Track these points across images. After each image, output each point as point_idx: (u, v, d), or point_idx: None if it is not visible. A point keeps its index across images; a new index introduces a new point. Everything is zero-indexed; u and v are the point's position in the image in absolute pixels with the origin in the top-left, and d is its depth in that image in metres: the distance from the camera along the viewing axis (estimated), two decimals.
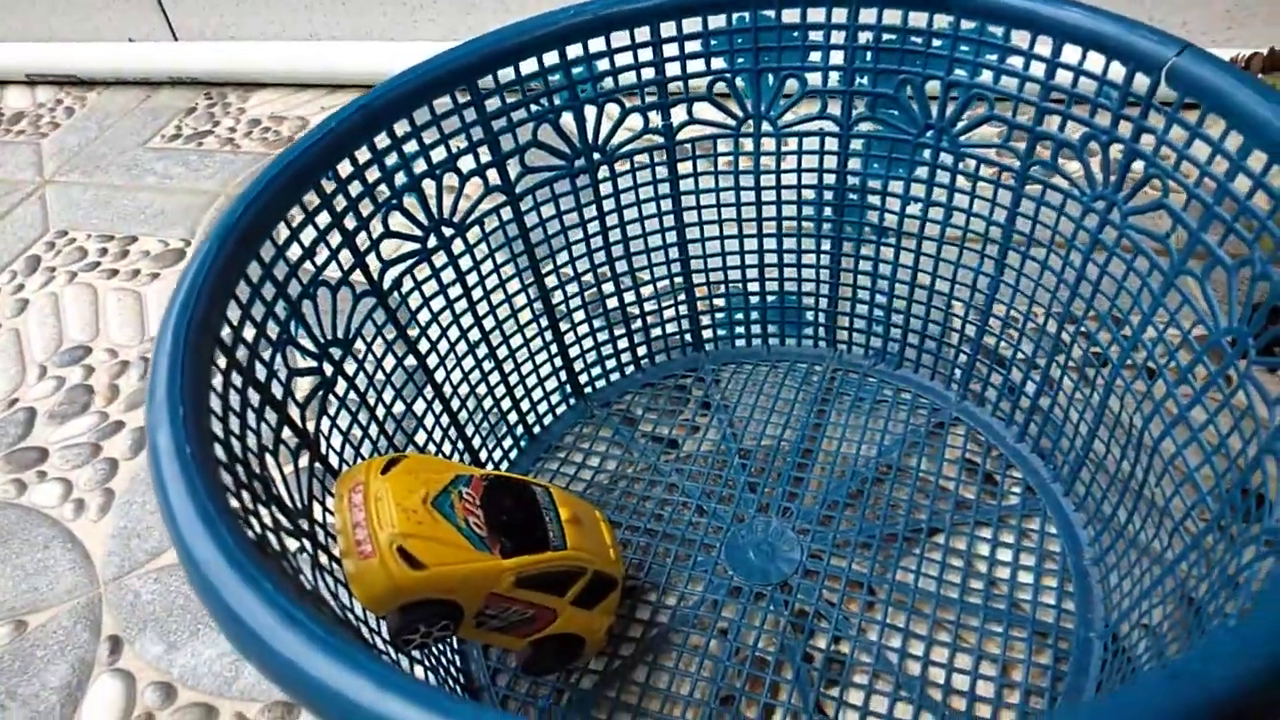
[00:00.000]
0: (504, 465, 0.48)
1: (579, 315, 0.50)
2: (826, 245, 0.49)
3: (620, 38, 0.43)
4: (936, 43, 0.41)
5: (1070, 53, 0.37)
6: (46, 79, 1.03)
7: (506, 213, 0.45)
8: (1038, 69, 0.38)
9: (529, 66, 0.42)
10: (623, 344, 0.52)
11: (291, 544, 0.30)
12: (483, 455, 0.47)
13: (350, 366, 0.39)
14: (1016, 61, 0.39)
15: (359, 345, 0.39)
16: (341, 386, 0.38)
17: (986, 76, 0.40)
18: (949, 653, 0.38)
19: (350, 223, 0.39)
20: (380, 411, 0.40)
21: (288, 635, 0.20)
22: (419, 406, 0.43)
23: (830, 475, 0.46)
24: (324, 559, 0.32)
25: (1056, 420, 0.43)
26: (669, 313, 0.53)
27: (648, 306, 0.52)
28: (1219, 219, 0.33)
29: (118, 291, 0.70)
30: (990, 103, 0.41)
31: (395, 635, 0.31)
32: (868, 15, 0.42)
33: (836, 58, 0.43)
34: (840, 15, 0.42)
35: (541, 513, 0.36)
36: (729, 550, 0.43)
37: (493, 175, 0.44)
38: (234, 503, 0.26)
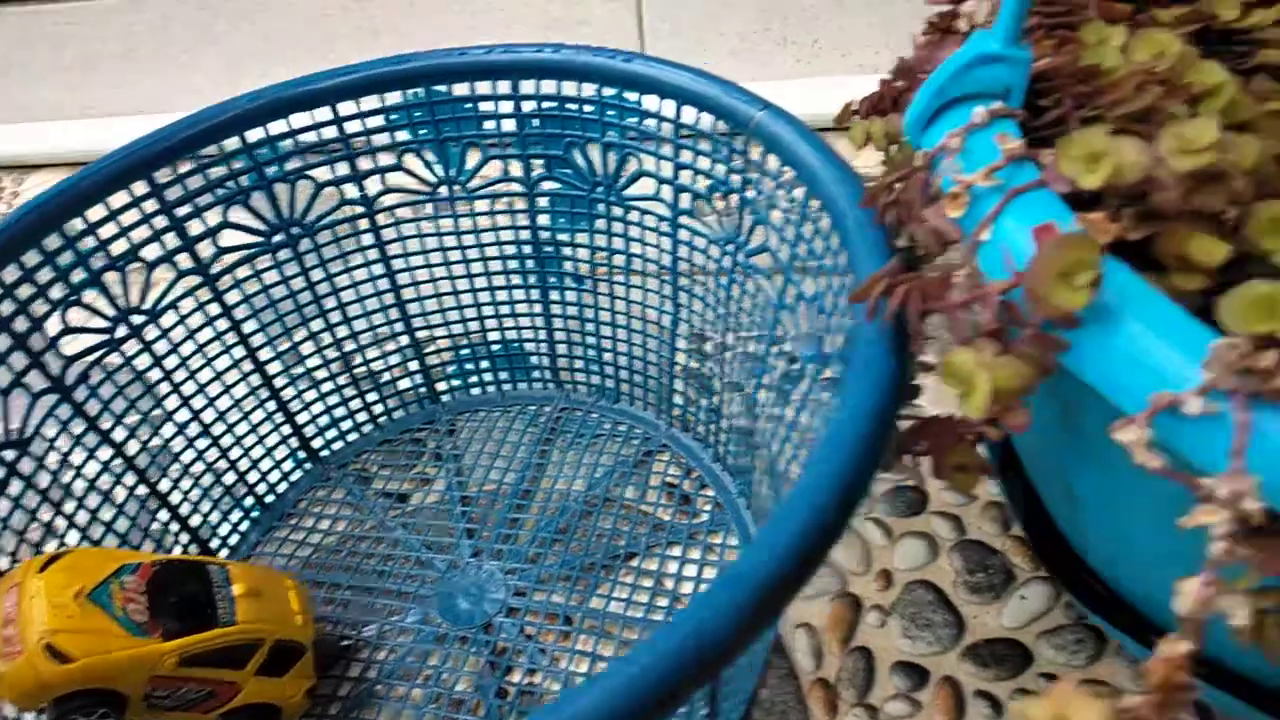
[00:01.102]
0: (234, 539, 0.49)
1: (304, 383, 0.52)
2: (536, 294, 0.52)
3: (301, 119, 0.46)
4: (589, 108, 0.45)
5: (689, 112, 0.42)
6: None
7: (205, 293, 0.47)
8: (667, 129, 0.42)
9: (211, 151, 0.44)
10: (355, 404, 0.54)
11: None
12: (204, 533, 0.48)
13: (28, 466, 0.39)
14: (651, 123, 0.43)
15: (39, 444, 0.40)
16: (16, 487, 0.39)
17: (632, 137, 0.44)
18: None
19: (21, 325, 0.40)
20: (70, 506, 0.41)
21: None
22: (119, 494, 0.44)
23: (544, 513, 0.48)
24: None
25: (733, 435, 0.47)
26: (400, 369, 0.55)
27: (376, 366, 0.54)
28: (798, 259, 0.37)
29: None
30: (639, 160, 0.45)
31: None
32: (528, 86, 0.45)
33: (509, 125, 0.46)
34: (504, 87, 0.45)
35: (213, 591, 0.37)
36: (441, 598, 0.45)
37: (184, 260, 0.45)
38: None
